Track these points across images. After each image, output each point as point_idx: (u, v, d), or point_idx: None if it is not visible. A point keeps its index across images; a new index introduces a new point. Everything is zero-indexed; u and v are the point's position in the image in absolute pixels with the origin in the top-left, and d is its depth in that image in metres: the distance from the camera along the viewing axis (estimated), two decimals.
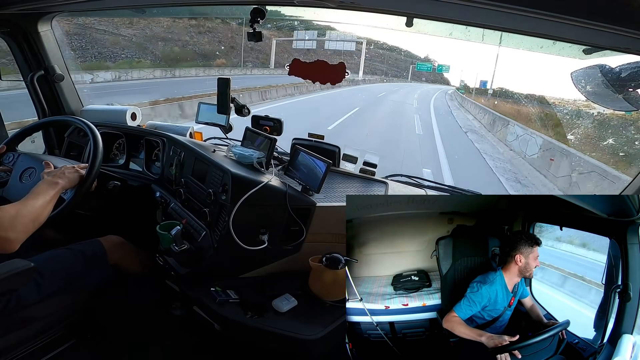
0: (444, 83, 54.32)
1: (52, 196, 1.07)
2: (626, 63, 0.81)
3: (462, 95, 24.79)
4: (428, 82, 52.14)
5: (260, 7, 1.14)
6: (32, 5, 1.37)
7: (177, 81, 16.52)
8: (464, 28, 1.02)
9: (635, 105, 0.84)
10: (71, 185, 1.16)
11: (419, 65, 27.77)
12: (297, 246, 1.25)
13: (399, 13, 0.99)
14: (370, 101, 17.70)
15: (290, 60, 1.32)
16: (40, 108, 1.71)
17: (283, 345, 1.09)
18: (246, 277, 1.27)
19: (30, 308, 1.07)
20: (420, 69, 29.93)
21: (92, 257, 1.21)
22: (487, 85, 28.18)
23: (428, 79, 53.15)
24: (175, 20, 20.83)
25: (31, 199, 1.03)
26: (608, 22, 0.65)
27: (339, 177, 1.51)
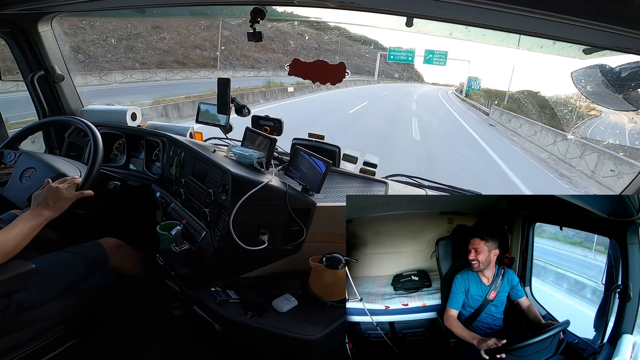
0: (419, 81, 46.84)
1: (31, 228, 1.03)
2: (626, 63, 0.81)
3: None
4: (403, 80, 43.83)
5: (260, 7, 1.14)
6: (32, 5, 1.37)
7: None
8: (464, 28, 1.02)
9: (635, 105, 0.84)
10: (60, 212, 1.11)
11: (393, 52, 17.63)
12: (297, 246, 1.25)
13: (399, 13, 0.99)
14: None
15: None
16: (41, 108, 1.71)
17: (283, 345, 1.09)
18: (246, 277, 1.27)
19: (31, 310, 1.07)
20: (396, 59, 18.96)
21: (94, 260, 1.22)
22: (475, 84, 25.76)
23: (402, 75, 44.54)
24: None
25: (7, 230, 0.99)
26: (608, 22, 0.64)
27: (339, 177, 1.51)
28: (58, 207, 1.10)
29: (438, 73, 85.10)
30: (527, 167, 8.05)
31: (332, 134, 1.65)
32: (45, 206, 1.08)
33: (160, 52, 19.54)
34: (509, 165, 7.71)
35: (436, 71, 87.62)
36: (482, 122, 15.08)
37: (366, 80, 32.09)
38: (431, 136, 10.29)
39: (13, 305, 1.02)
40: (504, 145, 10.54)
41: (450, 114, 17.88)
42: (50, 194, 1.10)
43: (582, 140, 7.74)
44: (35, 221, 1.04)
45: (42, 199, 1.10)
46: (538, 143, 10.19)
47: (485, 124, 14.58)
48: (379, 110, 14.52)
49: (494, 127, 13.80)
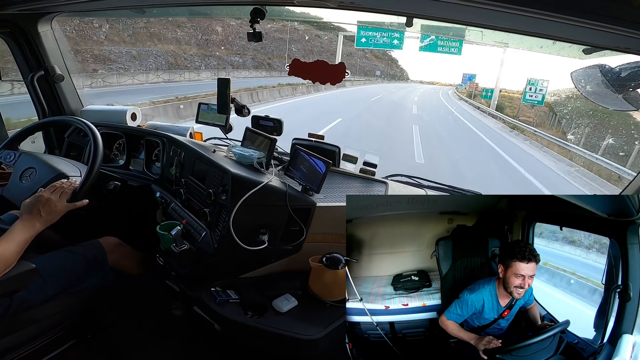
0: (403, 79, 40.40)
1: (24, 242, 1.00)
2: (626, 63, 0.81)
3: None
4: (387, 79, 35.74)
5: (260, 7, 1.14)
6: (32, 5, 1.37)
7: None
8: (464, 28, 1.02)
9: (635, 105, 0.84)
10: (54, 221, 1.06)
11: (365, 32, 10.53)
12: (297, 246, 1.25)
13: (399, 13, 0.99)
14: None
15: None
16: (41, 108, 1.71)
17: (283, 345, 1.09)
18: (246, 277, 1.27)
19: (31, 309, 1.07)
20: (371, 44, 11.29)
21: (93, 259, 1.22)
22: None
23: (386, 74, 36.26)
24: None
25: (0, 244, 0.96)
26: (608, 22, 0.64)
27: (339, 177, 1.51)
28: (50, 220, 1.06)
29: (427, 69, 74.56)
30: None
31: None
32: (36, 218, 1.04)
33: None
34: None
35: (425, 66, 77.99)
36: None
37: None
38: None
39: (14, 304, 1.02)
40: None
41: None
42: (41, 204, 1.05)
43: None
44: (27, 234, 1.01)
45: (31, 208, 1.04)
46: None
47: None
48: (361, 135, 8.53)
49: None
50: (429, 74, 71.16)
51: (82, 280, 1.18)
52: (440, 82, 36.57)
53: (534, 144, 10.79)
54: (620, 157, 8.58)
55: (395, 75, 44.55)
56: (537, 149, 10.19)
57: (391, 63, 44.58)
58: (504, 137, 11.79)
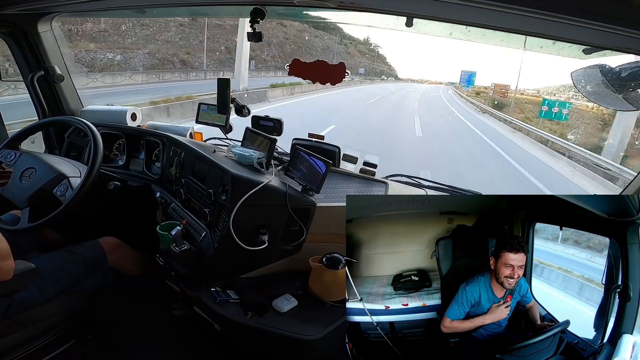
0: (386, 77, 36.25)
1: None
2: (626, 63, 0.81)
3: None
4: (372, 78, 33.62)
5: (260, 7, 1.14)
6: (32, 5, 1.37)
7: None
8: (464, 28, 1.02)
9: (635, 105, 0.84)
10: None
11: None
12: (297, 246, 1.25)
13: (399, 13, 0.99)
14: None
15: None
16: (41, 108, 1.71)
17: (283, 345, 1.09)
18: (246, 277, 1.27)
19: (31, 309, 1.07)
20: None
21: (93, 260, 1.22)
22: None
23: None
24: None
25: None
26: (608, 22, 0.64)
27: (339, 177, 1.51)
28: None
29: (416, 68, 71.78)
30: None
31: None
32: None
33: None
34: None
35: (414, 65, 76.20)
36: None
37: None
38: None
39: (14, 304, 1.02)
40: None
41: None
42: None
43: None
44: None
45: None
46: None
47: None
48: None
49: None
50: (419, 72, 69.22)
51: (82, 280, 1.18)
52: (429, 81, 34.23)
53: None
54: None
55: (384, 72, 41.81)
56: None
57: (377, 59, 41.87)
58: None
